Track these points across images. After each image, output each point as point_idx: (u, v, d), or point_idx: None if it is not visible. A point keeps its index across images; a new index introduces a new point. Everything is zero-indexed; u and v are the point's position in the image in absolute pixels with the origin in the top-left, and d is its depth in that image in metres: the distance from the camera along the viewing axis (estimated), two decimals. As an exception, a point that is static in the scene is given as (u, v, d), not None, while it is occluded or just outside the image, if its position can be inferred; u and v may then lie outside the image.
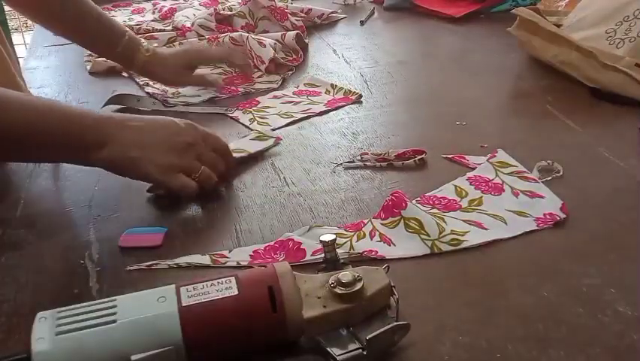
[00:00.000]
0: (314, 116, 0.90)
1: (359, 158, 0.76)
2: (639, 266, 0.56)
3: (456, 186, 0.69)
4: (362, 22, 1.34)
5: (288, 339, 0.46)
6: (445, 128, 0.85)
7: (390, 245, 0.60)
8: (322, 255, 0.52)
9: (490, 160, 0.73)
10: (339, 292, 0.46)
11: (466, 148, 0.77)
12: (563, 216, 0.63)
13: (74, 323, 0.43)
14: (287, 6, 1.27)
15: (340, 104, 0.94)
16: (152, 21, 1.33)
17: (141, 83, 1.03)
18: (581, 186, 0.69)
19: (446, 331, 0.49)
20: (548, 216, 0.63)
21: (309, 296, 0.46)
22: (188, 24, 1.22)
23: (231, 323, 0.44)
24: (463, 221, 0.63)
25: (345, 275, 0.47)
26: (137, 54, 0.93)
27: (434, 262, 0.58)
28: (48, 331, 0.42)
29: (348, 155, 0.78)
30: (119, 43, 0.92)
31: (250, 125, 0.88)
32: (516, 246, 0.60)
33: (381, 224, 0.63)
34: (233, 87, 1.01)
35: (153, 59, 0.94)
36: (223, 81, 1.02)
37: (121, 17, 1.42)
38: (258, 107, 0.94)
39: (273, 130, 0.86)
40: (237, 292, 0.45)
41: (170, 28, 1.27)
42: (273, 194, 0.71)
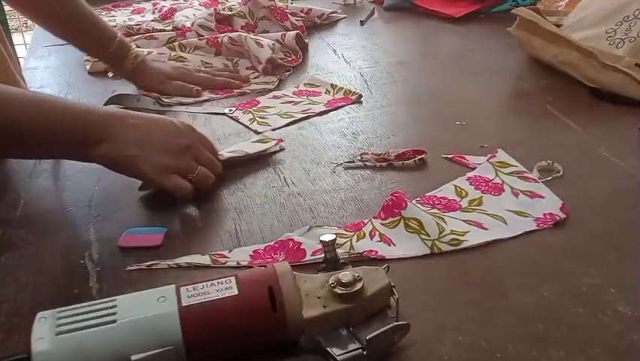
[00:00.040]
0: (314, 116, 0.90)
1: (359, 158, 0.76)
2: (639, 266, 0.56)
3: (456, 186, 0.69)
4: (362, 22, 1.34)
5: (288, 339, 0.46)
6: (445, 128, 0.85)
7: (390, 245, 0.60)
8: (322, 255, 0.52)
9: (490, 160, 0.73)
10: (339, 292, 0.46)
11: (466, 148, 0.77)
12: (563, 216, 0.63)
13: (74, 323, 0.43)
14: (287, 6, 1.27)
15: (340, 104, 0.94)
16: (152, 21, 1.33)
17: None
18: (581, 186, 0.69)
19: (446, 331, 0.49)
20: (548, 216, 0.63)
21: (309, 296, 0.46)
22: (188, 24, 1.22)
23: (231, 323, 0.44)
24: (463, 221, 0.63)
25: (345, 275, 0.47)
26: (125, 60, 0.95)
27: (434, 262, 0.58)
28: (48, 331, 0.42)
29: (348, 155, 0.78)
30: (111, 44, 0.94)
31: (250, 125, 0.88)
32: (516, 246, 0.60)
33: (381, 224, 0.63)
34: (227, 88, 1.01)
35: (141, 67, 0.97)
36: (203, 92, 1.00)
37: (121, 17, 1.42)
38: (258, 107, 0.94)
39: (273, 130, 0.86)
40: (237, 292, 0.45)
41: (170, 28, 1.27)
42: (273, 194, 0.71)
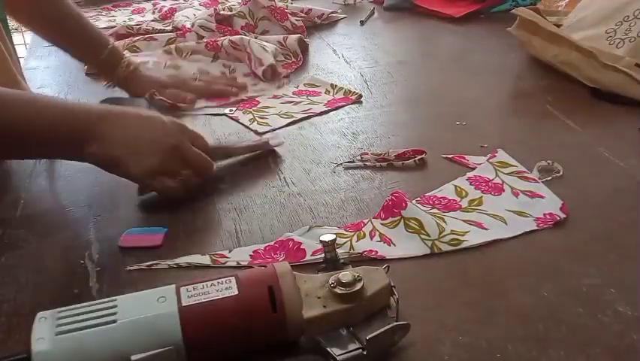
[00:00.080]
0: (314, 116, 0.90)
1: (359, 158, 0.76)
2: (639, 266, 0.56)
3: (456, 186, 0.69)
4: (362, 22, 1.34)
5: (288, 339, 0.46)
6: (445, 128, 0.85)
7: (390, 245, 0.60)
8: (322, 255, 0.52)
9: (490, 160, 0.73)
10: (339, 292, 0.46)
11: (466, 148, 0.77)
12: (563, 216, 0.63)
13: (74, 323, 0.43)
14: (287, 6, 1.27)
15: (340, 104, 0.93)
16: (152, 21, 1.33)
17: None
18: (581, 186, 0.69)
19: (446, 331, 0.49)
20: (548, 216, 0.63)
21: (309, 296, 0.46)
22: (188, 24, 1.22)
23: (231, 323, 0.44)
24: (463, 221, 0.63)
25: (345, 275, 0.47)
26: (118, 67, 0.95)
27: (434, 262, 0.58)
28: (48, 331, 0.42)
29: (348, 155, 0.78)
30: (103, 51, 0.94)
31: (250, 126, 0.88)
32: (516, 246, 0.60)
33: (381, 224, 0.63)
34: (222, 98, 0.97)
35: (134, 76, 0.96)
36: (198, 100, 0.97)
37: (121, 17, 1.42)
38: (257, 107, 0.94)
39: (274, 130, 0.86)
40: (237, 292, 0.45)
41: (170, 28, 1.27)
42: (273, 194, 0.71)
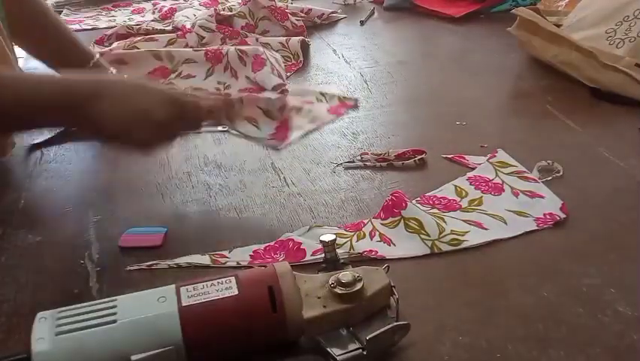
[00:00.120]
0: (325, 125, 0.81)
1: (359, 158, 0.76)
2: (639, 266, 0.56)
3: (456, 186, 0.69)
4: (362, 22, 1.34)
5: (288, 339, 0.46)
6: (445, 128, 0.85)
7: (390, 245, 0.60)
8: (322, 255, 0.52)
9: (490, 160, 0.73)
10: (339, 292, 0.46)
11: (466, 148, 0.77)
12: (563, 216, 0.63)
13: (74, 323, 0.43)
14: (287, 6, 1.27)
15: (344, 111, 0.88)
16: (152, 21, 1.33)
17: None
18: (581, 186, 0.69)
19: (446, 331, 0.49)
20: (548, 216, 0.63)
21: (309, 296, 0.46)
22: (188, 24, 1.21)
23: (231, 323, 0.44)
24: (463, 221, 0.63)
25: (345, 275, 0.47)
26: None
27: (434, 262, 0.58)
28: (48, 331, 0.42)
29: (348, 155, 0.78)
30: (86, 65, 0.90)
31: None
32: (516, 246, 0.60)
33: (381, 224, 0.63)
34: None
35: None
36: None
37: (121, 17, 1.42)
38: None
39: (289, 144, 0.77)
40: (237, 292, 0.45)
41: (170, 28, 1.27)
42: (273, 194, 0.71)
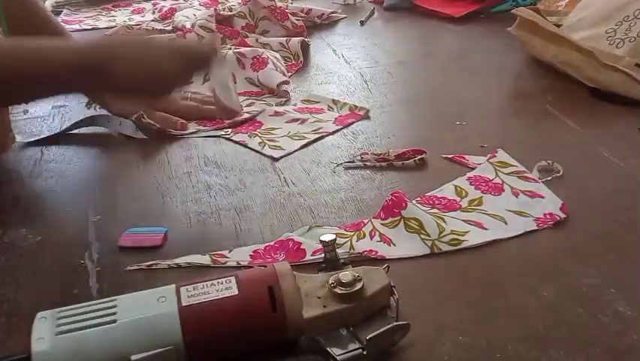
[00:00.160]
0: (327, 135, 0.83)
1: (359, 158, 0.76)
2: (639, 266, 0.56)
3: (456, 186, 0.69)
4: (362, 22, 1.34)
5: (288, 339, 0.46)
6: (445, 128, 0.85)
7: (390, 245, 0.60)
8: (322, 255, 0.52)
9: (490, 160, 0.73)
10: (339, 292, 0.46)
11: (466, 148, 0.77)
12: (563, 216, 0.63)
13: (74, 323, 0.43)
14: (287, 6, 1.27)
15: (350, 121, 0.87)
16: (152, 21, 1.33)
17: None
18: (581, 186, 0.69)
19: (446, 331, 0.49)
20: (548, 216, 0.63)
21: (309, 296, 0.46)
22: (188, 24, 1.21)
23: (231, 323, 0.44)
24: (463, 221, 0.63)
25: (345, 275, 0.47)
26: None
27: (434, 262, 0.58)
28: (48, 331, 0.42)
29: (348, 155, 0.78)
30: None
31: (262, 150, 0.80)
32: (516, 246, 0.60)
33: (381, 224, 0.63)
34: (216, 120, 0.88)
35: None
36: (189, 124, 0.87)
37: (121, 17, 1.42)
38: (263, 128, 0.86)
39: (289, 154, 0.79)
40: (237, 292, 0.45)
41: (170, 28, 1.27)
42: (273, 194, 0.71)
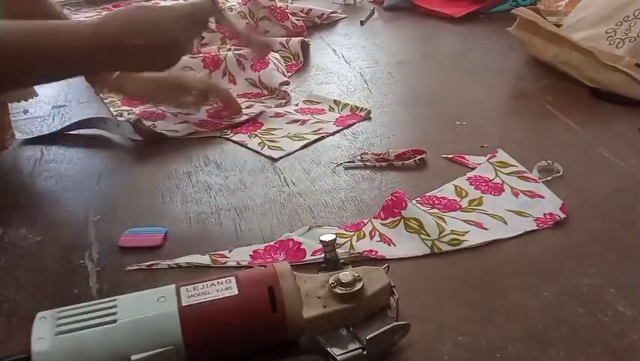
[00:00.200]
0: (327, 136, 0.84)
1: (359, 158, 0.76)
2: (639, 266, 0.56)
3: (456, 186, 0.69)
4: (362, 22, 1.34)
5: (288, 339, 0.46)
6: (445, 128, 0.85)
7: (390, 245, 0.60)
8: (322, 255, 0.52)
9: (490, 160, 0.73)
10: (339, 292, 0.46)
11: (466, 148, 0.77)
12: (563, 216, 0.63)
13: (74, 323, 0.43)
14: (287, 6, 1.27)
15: (351, 122, 0.87)
16: (152, 21, 1.33)
17: (115, 113, 0.93)
18: (581, 186, 0.69)
19: (446, 331, 0.49)
20: (548, 216, 0.63)
21: (309, 296, 0.46)
22: (188, 24, 1.21)
23: (231, 323, 0.44)
24: (463, 221, 0.63)
25: (345, 275, 0.47)
26: None
27: (434, 262, 0.58)
28: (48, 331, 0.42)
29: (348, 155, 0.78)
30: None
31: (262, 151, 0.80)
32: (516, 246, 0.60)
33: (381, 224, 0.63)
34: (216, 120, 0.89)
35: (127, 75, 0.86)
36: (207, 112, 0.90)
37: (121, 17, 1.42)
38: (263, 129, 0.86)
39: (289, 154, 0.79)
40: (237, 292, 0.45)
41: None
42: (273, 194, 0.71)
